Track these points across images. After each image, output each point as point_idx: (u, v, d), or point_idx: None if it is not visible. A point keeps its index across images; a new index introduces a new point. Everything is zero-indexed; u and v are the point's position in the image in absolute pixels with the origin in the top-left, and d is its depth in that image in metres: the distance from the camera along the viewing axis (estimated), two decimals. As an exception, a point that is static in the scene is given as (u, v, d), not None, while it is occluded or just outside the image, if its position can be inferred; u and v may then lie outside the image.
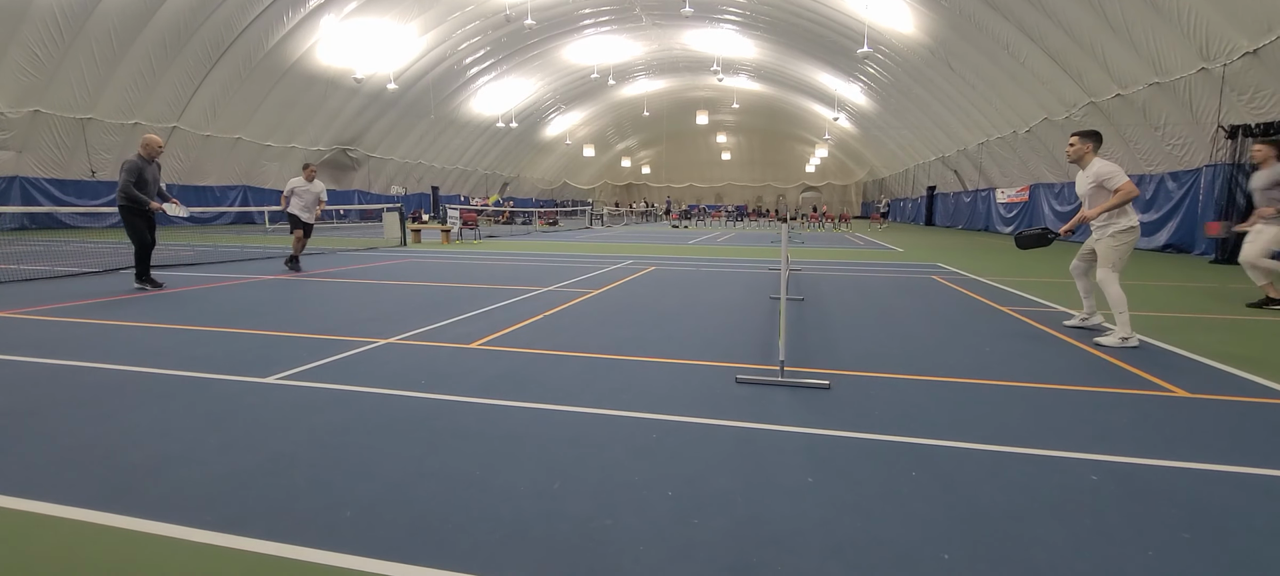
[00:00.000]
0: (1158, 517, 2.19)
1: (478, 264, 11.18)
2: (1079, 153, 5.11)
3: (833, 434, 2.97)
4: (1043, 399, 3.54)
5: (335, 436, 2.88)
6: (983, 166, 27.29)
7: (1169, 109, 14.70)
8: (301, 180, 9.91)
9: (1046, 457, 2.70)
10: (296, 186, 9.86)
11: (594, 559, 1.92)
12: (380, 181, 37.88)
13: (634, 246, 16.14)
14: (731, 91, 43.71)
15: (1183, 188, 14.86)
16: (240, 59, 23.48)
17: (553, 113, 46.84)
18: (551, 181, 59.06)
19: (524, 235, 22.12)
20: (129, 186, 7.23)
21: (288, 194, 9.89)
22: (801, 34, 29.56)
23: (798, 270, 10.32)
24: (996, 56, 19.75)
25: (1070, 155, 5.19)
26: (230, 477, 2.45)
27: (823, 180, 57.47)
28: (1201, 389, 3.74)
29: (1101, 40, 15.17)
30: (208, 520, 2.11)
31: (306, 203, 9.90)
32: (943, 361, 4.38)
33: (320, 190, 10.09)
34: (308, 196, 9.91)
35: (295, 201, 9.86)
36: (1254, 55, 11.66)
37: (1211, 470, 2.59)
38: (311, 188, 9.93)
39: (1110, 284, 4.90)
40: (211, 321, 5.61)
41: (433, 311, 6.16)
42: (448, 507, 2.22)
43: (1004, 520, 2.16)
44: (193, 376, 3.83)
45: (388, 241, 16.60)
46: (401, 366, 4.11)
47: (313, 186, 9.95)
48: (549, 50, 35.45)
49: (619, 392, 3.59)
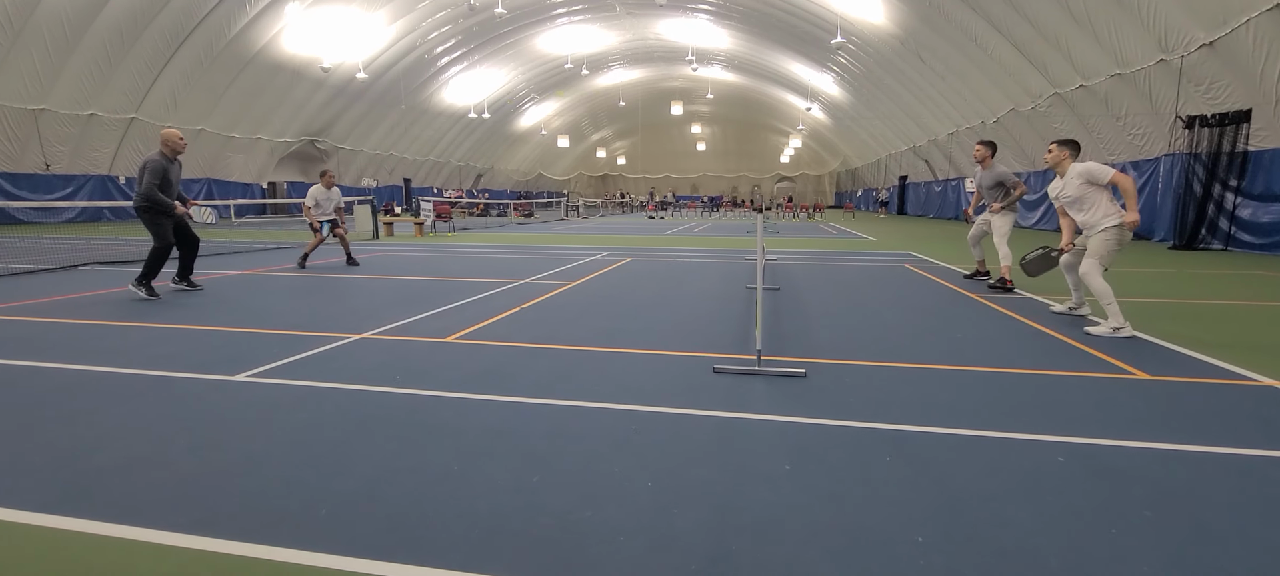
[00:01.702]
0: (1121, 496, 2.26)
1: (452, 257, 11.04)
2: (1057, 159, 5.26)
3: (809, 421, 3.01)
4: (1010, 383, 3.63)
5: (307, 434, 2.82)
6: (952, 156, 27.79)
7: (1130, 100, 15.12)
8: (321, 187, 10.23)
9: (1015, 440, 2.77)
10: (319, 196, 10.15)
11: (574, 552, 1.92)
12: (350, 173, 37.13)
13: (611, 237, 16.10)
14: (706, 82, 43.75)
15: (1143, 176, 15.32)
16: (201, 47, 22.73)
17: (527, 103, 46.37)
18: (526, 173, 58.54)
19: (499, 227, 21.91)
20: (153, 190, 6.43)
21: (310, 205, 10.13)
22: (775, 24, 29.68)
23: (773, 260, 10.40)
24: (965, 48, 20.08)
25: (1048, 161, 5.36)
26: (199, 478, 2.39)
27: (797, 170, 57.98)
28: (1161, 371, 3.87)
29: (1065, 32, 15.52)
30: (176, 522, 2.06)
31: (327, 210, 10.25)
32: (915, 348, 4.46)
33: (339, 197, 10.42)
34: (328, 204, 10.23)
35: (317, 211, 10.17)
36: (1210, 47, 12.05)
37: (1171, 449, 2.69)
38: (331, 195, 10.27)
39: (1093, 276, 4.95)
40: (176, 319, 5.46)
41: (407, 305, 6.07)
42: (425, 503, 2.20)
43: (975, 502, 2.22)
44: (158, 375, 3.72)
45: (359, 234, 16.31)
46: (375, 362, 4.05)
47: (332, 193, 10.30)
48: (521, 40, 35.03)
49: (597, 385, 3.58)
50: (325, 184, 10.19)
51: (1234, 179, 12.27)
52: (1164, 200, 14.33)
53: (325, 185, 10.17)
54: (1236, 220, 12.29)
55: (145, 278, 6.50)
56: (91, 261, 9.67)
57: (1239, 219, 12.25)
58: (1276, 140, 11.61)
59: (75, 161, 22.62)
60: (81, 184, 22.99)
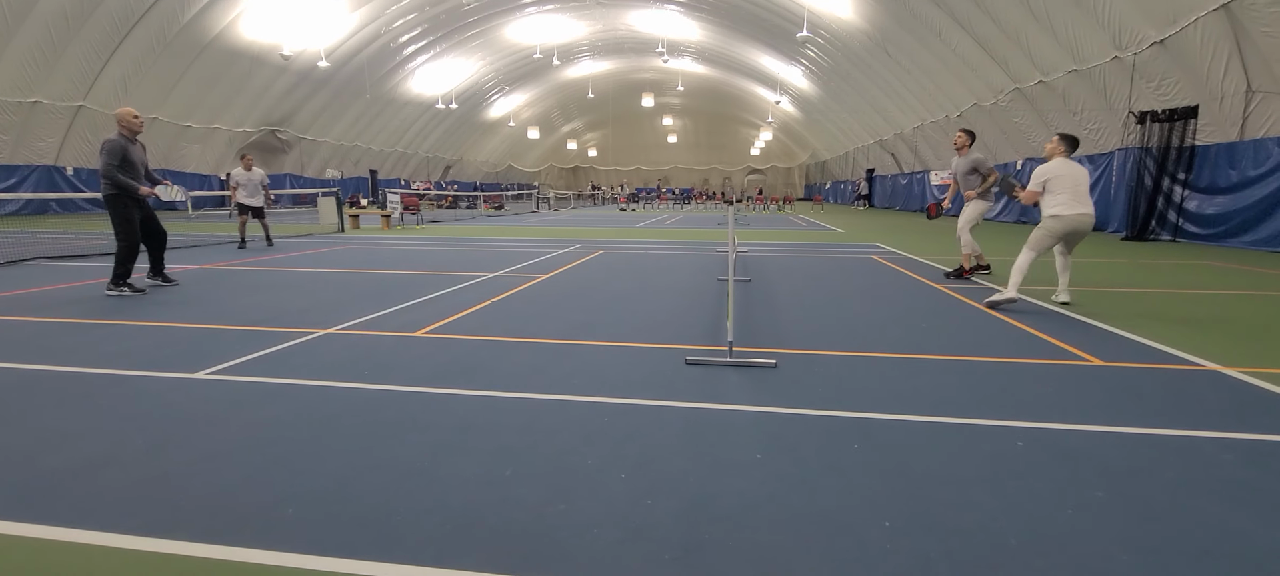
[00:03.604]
0: (1076, 478, 2.36)
1: (421, 250, 10.87)
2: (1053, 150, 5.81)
3: (780, 411, 3.06)
4: (973, 370, 3.73)
5: (273, 432, 2.76)
6: (918, 150, 28.35)
7: (1086, 95, 15.62)
8: (241, 170, 10.81)
9: (977, 426, 2.86)
10: (239, 178, 10.74)
11: (548, 544, 1.92)
12: (314, 164, 36.20)
13: (582, 230, 16.04)
14: (677, 74, 43.78)
15: (1098, 169, 15.85)
16: (153, 32, 21.82)
17: (496, 94, 45.76)
18: (496, 164, 57.86)
19: (469, 220, 21.63)
20: (112, 170, 6.11)
21: (233, 186, 10.78)
22: (744, 17, 29.82)
23: (744, 252, 10.50)
24: (930, 43, 20.47)
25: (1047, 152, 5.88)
26: (159, 479, 2.31)
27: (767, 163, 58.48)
28: (1114, 358, 4.03)
29: (1026, 29, 15.93)
30: (135, 524, 1.99)
31: (250, 189, 10.80)
32: (882, 338, 4.55)
33: (261, 176, 11.02)
34: (250, 184, 10.83)
35: (241, 191, 10.76)
36: (1161, 45, 12.51)
37: (1123, 432, 2.80)
38: (252, 176, 10.86)
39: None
40: (132, 315, 5.26)
41: (375, 299, 5.96)
42: (395, 500, 2.17)
43: (939, 487, 2.28)
44: (114, 374, 3.59)
45: (324, 227, 15.94)
46: (343, 357, 3.97)
47: (253, 174, 10.88)
48: (489, 29, 34.52)
49: (570, 377, 3.58)
50: (245, 166, 10.80)
51: (1182, 172, 12.79)
52: (1118, 193, 14.86)
53: (245, 167, 10.77)
54: (1184, 212, 12.82)
55: (119, 278, 6.19)
56: (38, 256, 9.27)
57: (1186, 211, 12.78)
58: (1221, 135, 12.14)
59: (18, 151, 21.57)
60: (26, 175, 21.95)
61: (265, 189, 11.06)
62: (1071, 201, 5.55)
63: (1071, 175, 5.59)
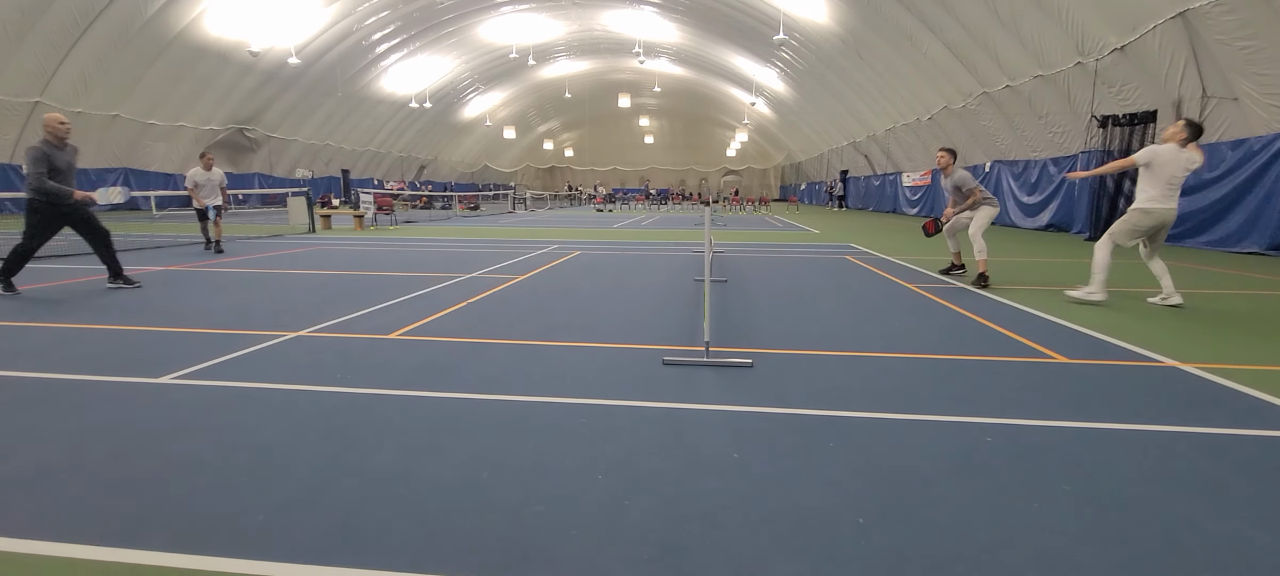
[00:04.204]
0: (1043, 472, 2.42)
1: (395, 251, 10.72)
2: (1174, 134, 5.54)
3: (756, 410, 3.08)
4: (943, 368, 3.81)
5: (241, 437, 2.69)
6: (890, 151, 28.83)
7: (1051, 99, 16.05)
8: (200, 169, 10.36)
9: (948, 422, 2.92)
10: (197, 178, 10.29)
11: (525, 547, 1.90)
12: (283, 164, 35.45)
13: (558, 231, 15.97)
14: (653, 75, 43.85)
15: (1063, 171, 16.30)
16: (115, 27, 21.16)
17: (471, 93, 45.33)
18: (471, 164, 57.32)
19: (444, 220, 21.40)
20: (40, 179, 5.95)
21: (192, 187, 10.31)
22: (720, 19, 30.00)
23: (721, 252, 10.56)
24: (901, 47, 20.83)
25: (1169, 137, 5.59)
26: (121, 487, 2.24)
27: (743, 164, 58.89)
28: (1078, 355, 4.15)
29: (993, 34, 16.31)
30: (94, 533, 1.93)
31: (208, 191, 10.39)
32: (855, 337, 4.62)
33: (220, 177, 10.59)
34: (209, 185, 10.39)
35: (201, 192, 10.34)
36: (1121, 51, 12.91)
37: (1086, 427, 2.88)
38: (211, 176, 10.42)
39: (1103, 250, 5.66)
40: (92, 319, 5.10)
41: (347, 302, 5.86)
42: (369, 505, 2.14)
43: (912, 483, 2.32)
44: (72, 379, 3.47)
45: (294, 228, 15.62)
46: (314, 360, 3.89)
47: (212, 174, 10.44)
48: (464, 28, 34.20)
49: (546, 379, 3.56)
50: (205, 166, 10.33)
51: (1142, 175, 13.21)
52: (1081, 195, 15.29)
53: (205, 167, 10.32)
54: (1144, 213, 13.24)
55: (5, 275, 6.07)
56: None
57: (1146, 212, 13.20)
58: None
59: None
60: (-22, 173, 21.13)
61: (224, 190, 10.65)
62: (1165, 194, 5.18)
63: (1177, 164, 5.16)
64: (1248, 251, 10.72)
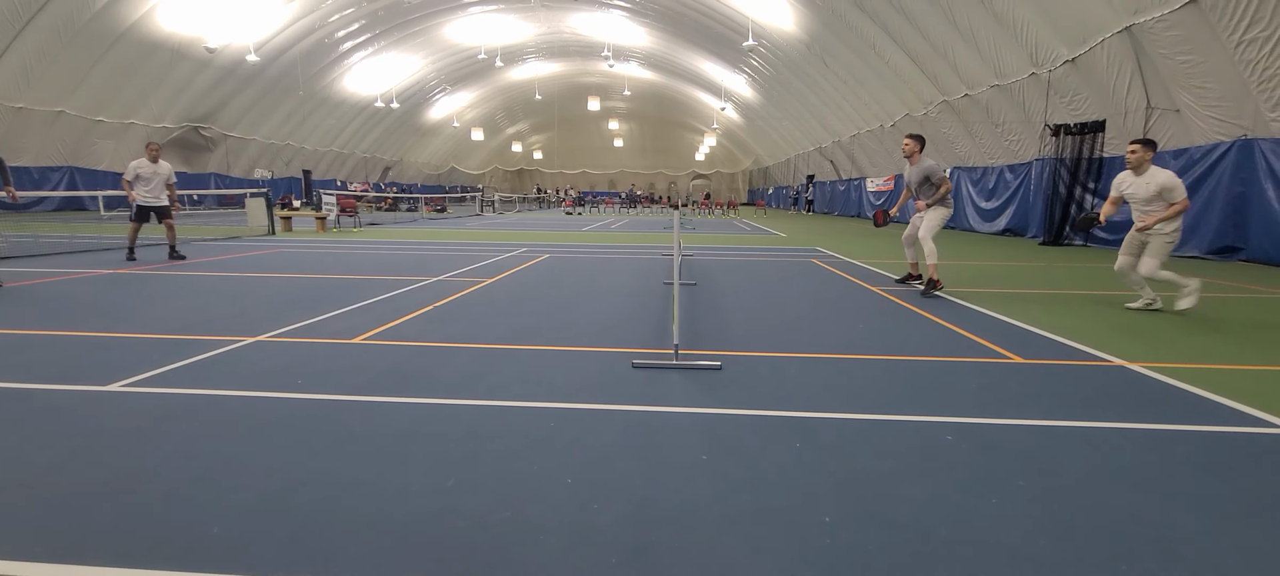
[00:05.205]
0: (999, 468, 2.50)
1: (359, 254, 10.49)
2: (1140, 159, 5.89)
3: (724, 412, 3.11)
4: (905, 369, 3.90)
5: (195, 447, 2.60)
6: (854, 157, 29.42)
7: (1007, 109, 16.60)
8: (144, 161, 9.06)
9: (909, 421, 2.99)
10: (140, 170, 8.99)
11: (492, 553, 1.89)
12: (241, 164, 34.39)
13: (527, 233, 15.86)
14: (623, 78, 43.92)
15: (1018, 178, 16.86)
16: (59, 19, 20.25)
17: (438, 93, 44.70)
18: (438, 166, 56.51)
19: (409, 222, 21.04)
20: None
21: (130, 179, 8.98)
22: (690, 24, 30.23)
23: (690, 255, 10.62)
24: (865, 55, 21.30)
25: (1131, 161, 5.95)
26: (64, 501, 2.14)
27: (712, 168, 59.42)
28: (1033, 355, 4.29)
29: (952, 44, 16.80)
30: (38, 551, 1.84)
31: (153, 187, 9.07)
32: (821, 339, 4.70)
33: (168, 172, 9.31)
34: (154, 180, 9.07)
35: (140, 187, 9.00)
36: (1072, 63, 13.44)
37: (1041, 425, 2.99)
38: (158, 170, 9.12)
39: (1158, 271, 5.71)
40: (32, 324, 4.86)
41: (308, 306, 5.72)
42: (332, 514, 2.09)
43: (875, 481, 2.37)
44: (10, 387, 3.31)
45: (252, 230, 15.16)
46: (273, 366, 3.79)
47: (159, 167, 9.13)
48: (431, 27, 33.74)
49: (514, 383, 3.53)
50: (150, 156, 9.06)
51: (1092, 182, 13.77)
52: (1036, 200, 15.84)
53: (150, 158, 9.05)
54: (1094, 219, 13.82)
55: None
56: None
57: (1096, 218, 13.78)
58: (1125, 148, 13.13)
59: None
60: (-92, 170, 19.95)
61: (170, 187, 9.34)
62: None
63: None
64: (1190, 255, 11.25)
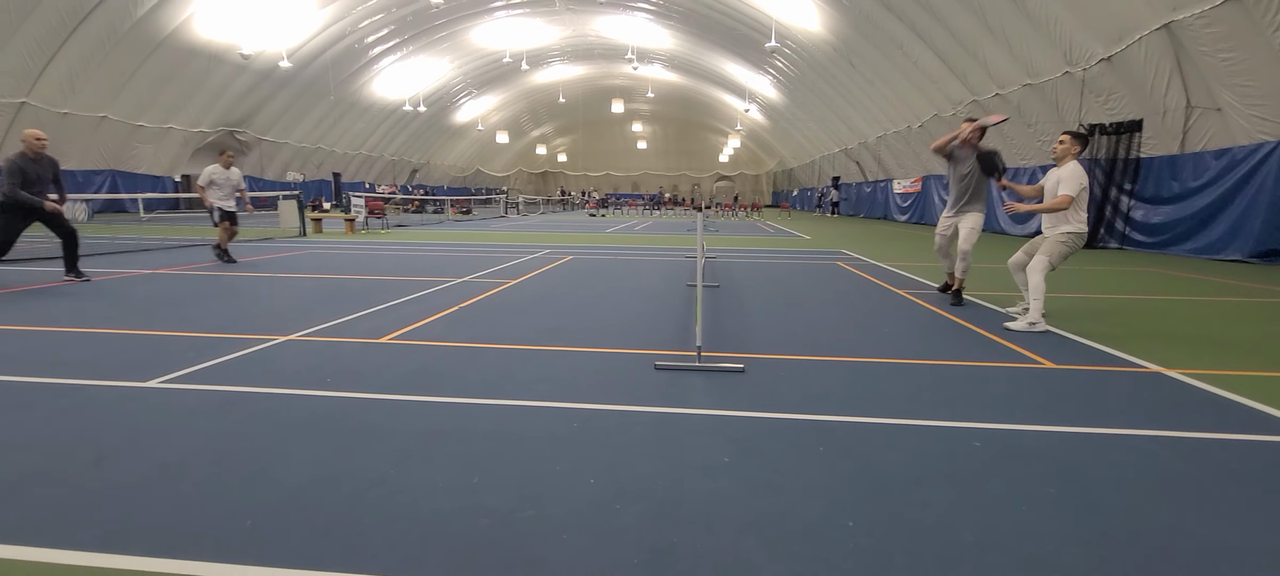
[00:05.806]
0: (1028, 475, 2.44)
1: (386, 255, 10.67)
2: (1064, 151, 5.31)
3: (747, 415, 3.09)
4: (933, 374, 3.84)
5: (229, 442, 2.68)
6: (881, 158, 29.02)
7: (1039, 108, 16.22)
8: (218, 168, 9.62)
9: (937, 427, 2.94)
10: (215, 176, 9.55)
11: (516, 551, 1.90)
12: (274, 167, 35.25)
13: (551, 235, 15.96)
14: (646, 80, 43.96)
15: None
16: (103, 28, 21.00)
17: (464, 97, 45.27)
18: (464, 168, 57.21)
19: (436, 224, 21.33)
20: (15, 189, 6.78)
21: (204, 184, 9.52)
22: (713, 26, 30.14)
23: (713, 257, 10.58)
24: (892, 55, 21.00)
25: (1056, 152, 5.38)
26: (106, 492, 2.22)
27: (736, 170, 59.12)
28: (1065, 360, 4.19)
29: (983, 43, 16.48)
30: (80, 540, 1.91)
31: (226, 192, 9.62)
32: (846, 342, 4.65)
33: (238, 178, 9.86)
34: (227, 186, 9.63)
35: (215, 192, 9.53)
36: (1108, 62, 13.08)
37: (1071, 431, 2.91)
38: (230, 176, 9.68)
39: (1036, 273, 5.10)
40: (76, 322, 5.05)
41: (337, 305, 5.83)
42: (359, 510, 2.13)
43: (900, 487, 2.34)
44: (54, 383, 3.44)
45: (284, 231, 15.52)
46: (304, 364, 3.87)
47: (231, 174, 9.70)
48: (458, 32, 34.19)
49: (538, 383, 3.56)
50: (224, 164, 9.59)
51: (1128, 183, 13.39)
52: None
53: (224, 165, 9.58)
54: (1130, 221, 13.43)
55: None
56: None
57: (1132, 220, 13.39)
58: (1163, 148, 12.75)
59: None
60: (-38, 174, 20.84)
61: (242, 192, 9.89)
62: (1084, 213, 5.16)
63: (1086, 182, 5.15)
64: (1231, 259, 10.87)
